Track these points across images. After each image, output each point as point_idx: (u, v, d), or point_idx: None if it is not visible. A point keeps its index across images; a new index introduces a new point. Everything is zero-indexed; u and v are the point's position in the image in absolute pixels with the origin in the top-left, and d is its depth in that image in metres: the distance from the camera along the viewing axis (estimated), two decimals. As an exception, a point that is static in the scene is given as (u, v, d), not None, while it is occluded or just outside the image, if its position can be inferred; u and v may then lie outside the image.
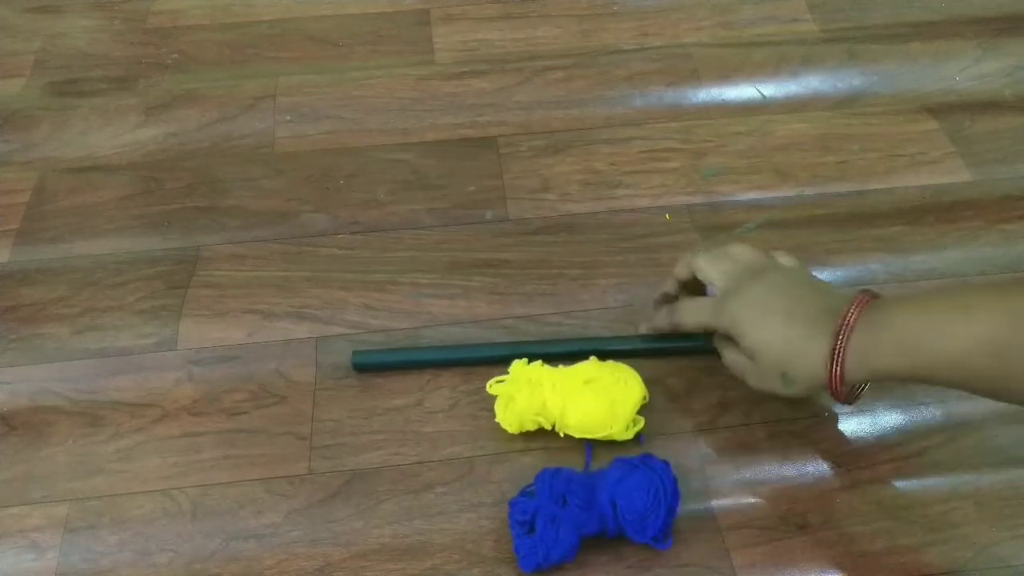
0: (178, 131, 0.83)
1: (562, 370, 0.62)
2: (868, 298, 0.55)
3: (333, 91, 0.86)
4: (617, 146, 0.81)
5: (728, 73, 0.87)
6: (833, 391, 0.55)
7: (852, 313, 0.53)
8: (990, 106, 0.84)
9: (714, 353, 0.63)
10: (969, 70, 0.88)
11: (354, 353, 0.65)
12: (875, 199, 0.77)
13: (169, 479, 0.60)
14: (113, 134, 0.83)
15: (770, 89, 0.86)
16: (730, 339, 0.59)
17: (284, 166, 0.80)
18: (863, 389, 0.58)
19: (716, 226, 0.74)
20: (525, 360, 0.62)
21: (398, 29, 0.93)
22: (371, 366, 0.65)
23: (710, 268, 0.62)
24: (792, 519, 0.58)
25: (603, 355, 0.63)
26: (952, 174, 0.79)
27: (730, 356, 0.60)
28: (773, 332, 0.56)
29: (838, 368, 0.54)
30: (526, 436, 0.62)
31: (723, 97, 0.86)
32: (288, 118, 0.84)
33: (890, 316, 0.53)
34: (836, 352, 0.53)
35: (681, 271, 0.65)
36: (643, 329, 0.66)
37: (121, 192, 0.78)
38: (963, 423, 0.62)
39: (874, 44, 0.90)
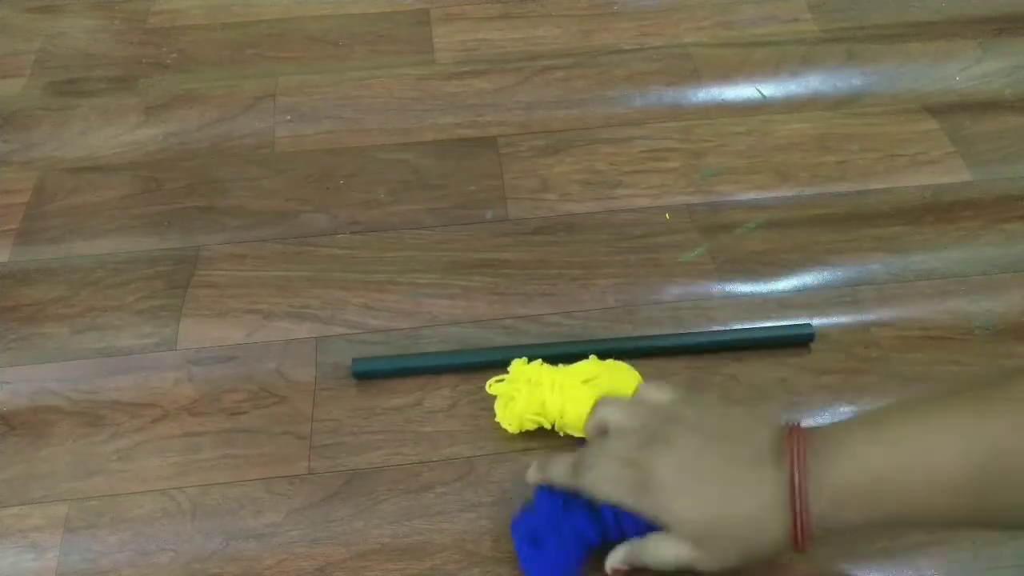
0: (178, 131, 0.83)
1: (562, 369, 0.61)
2: (799, 436, 0.47)
3: (333, 91, 0.86)
4: (617, 146, 0.81)
5: (728, 73, 0.87)
6: (798, 549, 0.48)
7: (796, 467, 0.46)
8: (990, 106, 0.84)
9: (715, 351, 0.63)
10: (969, 70, 0.88)
11: (354, 361, 0.65)
12: (875, 199, 0.77)
13: (169, 479, 0.60)
14: (113, 134, 0.83)
15: (770, 89, 0.86)
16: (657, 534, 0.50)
17: (284, 166, 0.80)
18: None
19: (716, 226, 0.74)
20: (525, 359, 0.63)
21: (398, 29, 0.93)
22: (371, 374, 0.65)
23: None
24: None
25: (602, 355, 0.63)
26: (952, 174, 0.79)
27: (671, 553, 0.49)
28: (719, 507, 0.48)
29: (805, 536, 0.46)
30: (526, 436, 0.62)
31: (723, 97, 0.86)
32: (288, 118, 0.84)
33: (837, 462, 0.46)
34: (797, 516, 0.46)
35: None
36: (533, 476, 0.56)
37: (121, 192, 0.78)
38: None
39: (874, 44, 0.90)
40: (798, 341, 0.66)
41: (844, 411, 0.63)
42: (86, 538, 0.58)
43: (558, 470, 0.54)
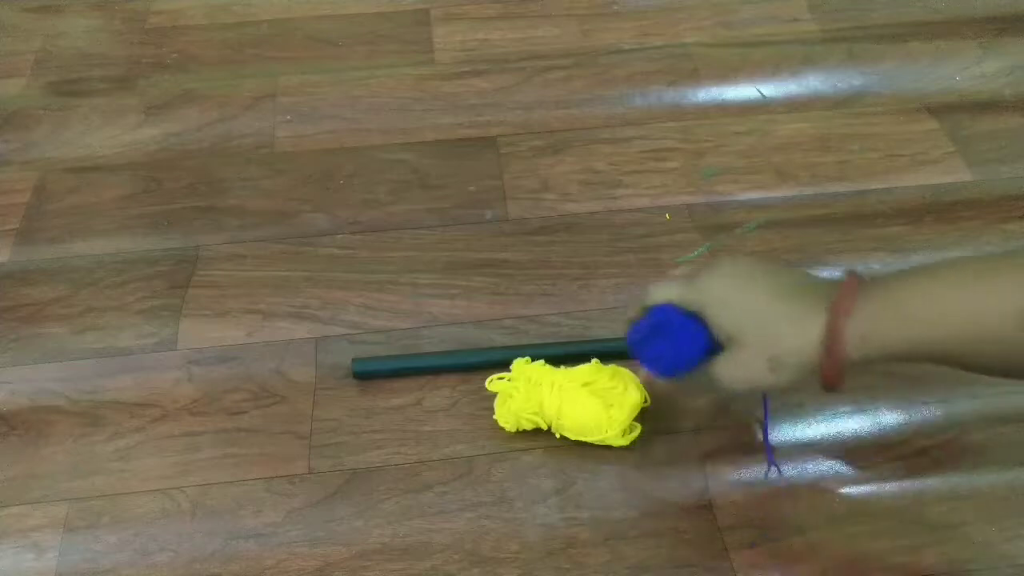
0: (178, 131, 0.83)
1: (563, 371, 0.61)
2: (859, 278, 0.49)
3: (333, 91, 0.86)
4: (617, 146, 0.81)
5: (728, 73, 0.87)
6: (826, 376, 0.49)
7: (848, 287, 0.48)
8: (990, 106, 0.84)
9: None
10: (969, 70, 0.88)
11: (354, 361, 0.65)
12: (875, 199, 0.77)
13: (169, 479, 0.60)
14: (113, 134, 0.83)
15: (770, 89, 0.86)
16: None
17: (284, 166, 0.80)
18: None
19: (716, 226, 0.74)
20: (528, 359, 0.63)
21: (398, 29, 0.93)
22: (371, 374, 0.65)
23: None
24: (792, 519, 0.58)
25: (603, 357, 0.63)
26: (952, 174, 0.79)
27: (714, 367, 0.53)
28: (756, 309, 0.50)
29: (838, 347, 0.47)
30: (526, 436, 0.62)
31: (723, 97, 0.86)
32: (288, 118, 0.84)
33: (894, 290, 0.48)
34: (833, 330, 0.47)
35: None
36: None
37: (121, 192, 0.78)
38: (964, 423, 0.62)
39: (874, 44, 0.90)
40: None
41: (844, 410, 0.63)
42: (86, 538, 0.58)
43: (662, 291, 0.56)
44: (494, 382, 0.63)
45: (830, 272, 0.70)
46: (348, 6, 0.96)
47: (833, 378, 0.49)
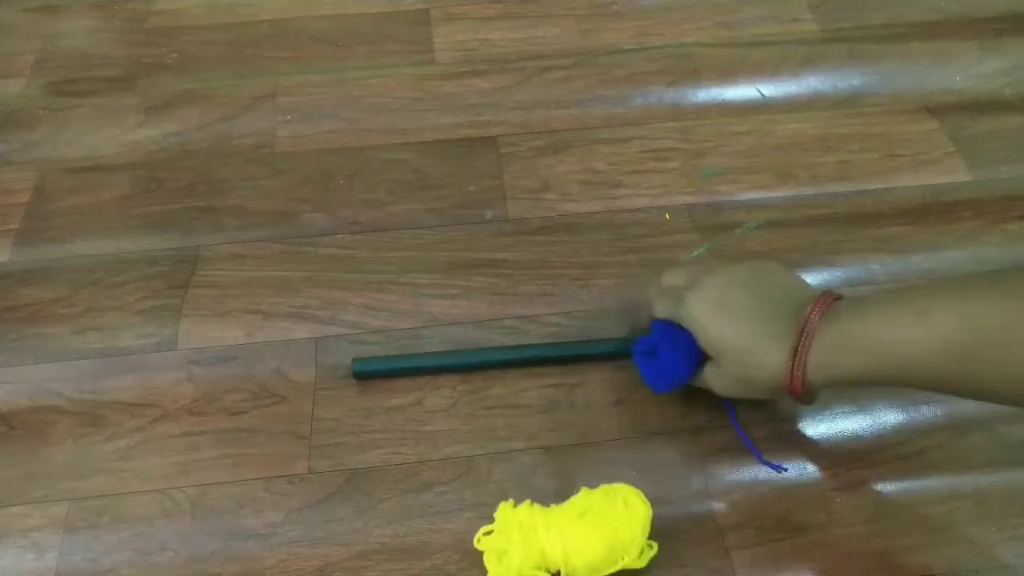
0: (178, 131, 0.83)
1: (554, 509, 0.56)
2: (831, 299, 0.54)
3: (333, 91, 0.86)
4: (617, 146, 0.81)
5: (728, 73, 0.87)
6: (795, 396, 0.55)
7: (814, 315, 0.53)
8: (990, 106, 0.84)
9: None
10: (969, 70, 0.88)
11: (354, 361, 0.65)
12: (875, 199, 0.77)
13: (169, 479, 0.60)
14: (113, 134, 0.83)
15: (770, 89, 0.86)
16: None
17: (284, 166, 0.80)
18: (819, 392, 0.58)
19: (716, 226, 0.74)
20: (511, 503, 0.57)
21: (398, 29, 0.93)
22: (371, 374, 0.65)
23: (676, 273, 0.63)
24: (792, 519, 0.58)
25: (604, 358, 0.63)
26: (952, 174, 0.79)
27: (705, 373, 0.60)
28: (733, 328, 0.56)
29: (799, 372, 0.53)
30: (526, 435, 0.62)
31: (723, 97, 0.86)
32: (288, 118, 0.84)
33: (849, 321, 0.52)
34: (798, 354, 0.53)
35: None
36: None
37: (121, 192, 0.78)
38: (963, 423, 0.62)
39: (874, 44, 0.90)
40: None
41: (844, 410, 0.63)
42: (86, 538, 0.58)
43: (661, 307, 0.62)
44: (482, 540, 0.56)
45: (824, 274, 0.71)
46: (348, 6, 0.96)
47: (801, 398, 0.55)
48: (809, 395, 0.56)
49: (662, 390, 0.62)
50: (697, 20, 0.93)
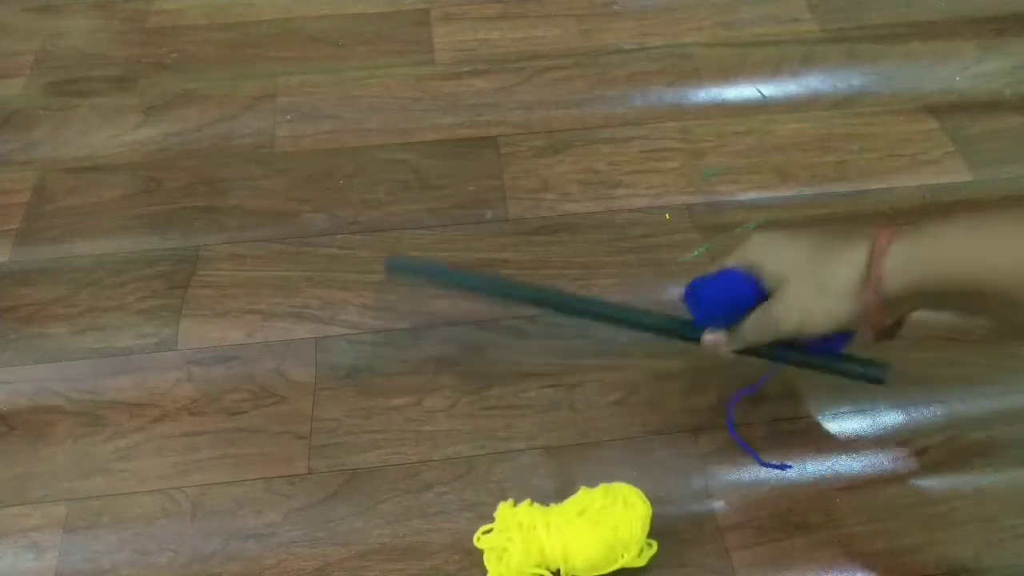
0: (178, 131, 0.83)
1: (554, 508, 0.56)
2: (893, 229, 0.50)
3: (333, 91, 0.86)
4: (617, 146, 0.81)
5: (728, 73, 0.87)
6: (870, 309, 0.49)
7: (887, 229, 0.49)
8: (990, 106, 0.84)
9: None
10: (969, 70, 0.88)
11: (387, 259, 0.66)
12: (875, 199, 0.77)
13: (169, 479, 0.60)
14: (113, 134, 0.83)
15: (770, 89, 0.86)
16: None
17: (284, 166, 0.80)
18: (902, 324, 0.54)
19: (716, 226, 0.74)
20: (511, 502, 0.57)
21: (398, 29, 0.93)
22: (403, 269, 0.65)
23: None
24: (792, 519, 0.58)
25: (634, 325, 0.60)
26: (952, 174, 0.79)
27: (757, 314, 0.55)
28: (801, 252, 0.53)
29: (880, 271, 0.48)
30: (526, 435, 0.62)
31: (723, 97, 0.86)
32: (288, 118, 0.84)
33: (938, 226, 0.49)
34: (875, 252, 0.49)
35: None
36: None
37: (121, 192, 0.78)
38: (964, 422, 0.62)
39: (874, 44, 0.90)
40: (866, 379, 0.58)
41: (844, 410, 0.63)
42: (86, 538, 0.58)
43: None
44: (482, 539, 0.56)
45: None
46: (348, 6, 0.96)
47: (876, 311, 0.49)
48: (882, 308, 0.49)
49: (718, 314, 0.56)
50: (697, 20, 0.93)
